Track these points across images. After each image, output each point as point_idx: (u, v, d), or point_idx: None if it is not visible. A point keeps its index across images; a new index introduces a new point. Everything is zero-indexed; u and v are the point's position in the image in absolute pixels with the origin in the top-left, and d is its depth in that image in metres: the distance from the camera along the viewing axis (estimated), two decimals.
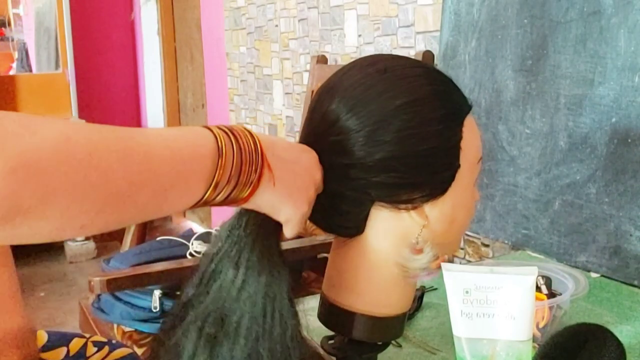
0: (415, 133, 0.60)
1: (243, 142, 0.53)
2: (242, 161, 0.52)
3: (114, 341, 1.10)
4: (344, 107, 0.60)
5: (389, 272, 0.65)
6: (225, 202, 0.54)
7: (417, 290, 1.06)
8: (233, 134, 0.53)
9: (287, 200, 0.56)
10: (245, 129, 0.54)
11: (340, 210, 0.63)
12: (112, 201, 0.44)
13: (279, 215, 0.57)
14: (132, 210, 0.46)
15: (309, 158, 0.60)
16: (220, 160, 0.50)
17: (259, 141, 0.54)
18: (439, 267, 0.66)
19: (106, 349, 1.04)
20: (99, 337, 1.08)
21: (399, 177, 0.60)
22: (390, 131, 0.59)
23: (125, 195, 0.44)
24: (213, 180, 0.50)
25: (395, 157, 0.60)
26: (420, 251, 0.63)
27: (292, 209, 0.57)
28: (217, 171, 0.50)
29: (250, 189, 0.53)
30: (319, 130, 0.62)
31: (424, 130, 0.60)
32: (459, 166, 0.63)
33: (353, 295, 0.66)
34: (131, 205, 0.46)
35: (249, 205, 0.55)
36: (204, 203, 0.52)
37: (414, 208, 0.62)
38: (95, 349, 1.03)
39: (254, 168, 0.53)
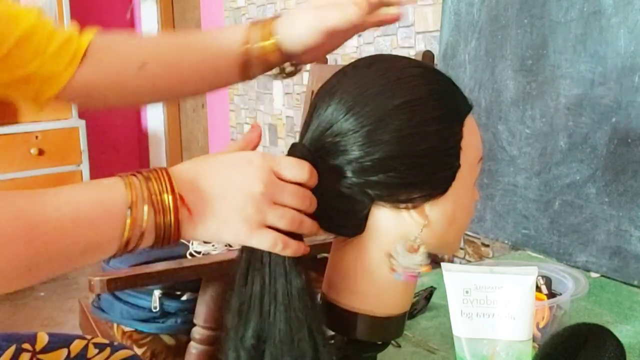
0: (413, 133, 0.60)
1: (157, 198, 0.54)
2: (155, 215, 0.54)
3: (115, 343, 1.09)
4: (343, 108, 0.61)
5: (387, 273, 0.65)
6: (154, 245, 0.56)
7: (424, 290, 1.06)
8: (147, 184, 0.54)
9: (221, 229, 0.57)
10: (162, 174, 0.55)
11: (340, 210, 0.63)
12: (18, 277, 0.49)
13: (224, 242, 0.59)
14: (42, 277, 0.51)
15: (247, 174, 0.57)
16: (129, 221, 0.53)
17: (173, 189, 0.54)
18: (418, 275, 0.66)
19: (108, 350, 1.04)
20: (100, 339, 1.08)
21: (397, 177, 0.60)
22: (389, 131, 0.59)
23: (32, 271, 0.49)
24: (124, 237, 0.53)
25: (393, 156, 0.60)
26: (415, 250, 0.63)
27: (231, 235, 0.57)
28: (127, 232, 0.52)
29: (173, 235, 0.55)
30: (319, 131, 0.62)
31: (422, 130, 0.60)
32: (459, 166, 0.63)
33: (353, 295, 0.66)
34: (39, 276, 0.51)
35: (185, 239, 0.58)
36: (125, 253, 0.55)
37: (414, 207, 0.62)
38: (97, 350, 1.03)
39: (168, 220, 0.54)
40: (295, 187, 0.59)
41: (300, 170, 0.59)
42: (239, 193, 0.56)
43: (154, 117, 3.87)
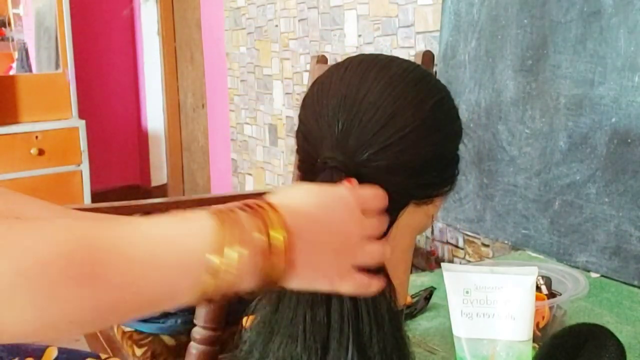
0: (449, 130, 0.62)
1: (259, 236, 0.43)
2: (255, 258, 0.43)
3: None
4: (382, 119, 0.58)
5: (404, 267, 0.65)
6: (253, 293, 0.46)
7: (424, 290, 1.06)
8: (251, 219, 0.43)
9: (319, 280, 0.48)
10: (264, 206, 0.44)
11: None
12: (70, 323, 0.39)
13: (319, 289, 0.49)
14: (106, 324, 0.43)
15: (342, 213, 0.48)
16: (215, 280, 0.42)
17: (285, 241, 0.44)
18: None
19: None
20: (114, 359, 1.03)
21: (435, 177, 0.61)
22: (431, 132, 0.59)
23: (102, 314, 0.40)
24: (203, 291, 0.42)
25: (436, 156, 0.60)
26: None
27: (325, 283, 0.48)
28: (208, 287, 0.42)
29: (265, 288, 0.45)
30: (360, 141, 0.58)
31: (454, 127, 0.62)
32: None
33: None
34: (106, 322, 0.44)
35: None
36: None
37: (431, 202, 0.62)
38: None
39: (269, 280, 0.44)
40: (377, 220, 0.52)
41: (381, 199, 0.53)
42: (340, 238, 0.48)
43: (154, 117, 3.87)
